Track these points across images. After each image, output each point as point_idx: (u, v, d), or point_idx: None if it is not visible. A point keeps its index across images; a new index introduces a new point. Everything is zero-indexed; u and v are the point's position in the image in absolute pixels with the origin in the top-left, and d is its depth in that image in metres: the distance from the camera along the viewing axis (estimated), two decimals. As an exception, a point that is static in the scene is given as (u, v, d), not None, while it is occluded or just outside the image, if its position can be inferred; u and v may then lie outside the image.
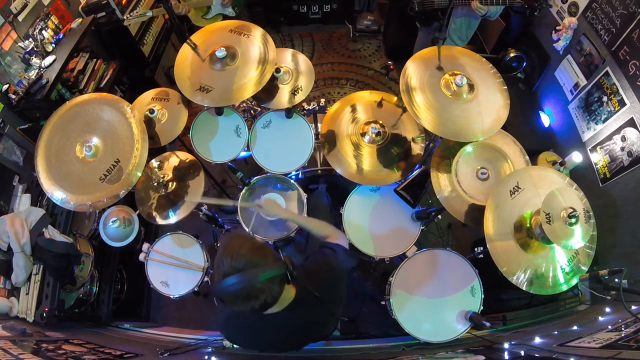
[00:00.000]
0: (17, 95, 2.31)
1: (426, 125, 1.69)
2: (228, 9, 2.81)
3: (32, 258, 1.95)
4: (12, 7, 2.36)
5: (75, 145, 1.77)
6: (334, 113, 2.02)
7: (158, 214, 1.95)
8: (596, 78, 2.35)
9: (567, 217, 1.47)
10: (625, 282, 1.42)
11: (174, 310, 2.72)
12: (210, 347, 1.93)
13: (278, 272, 1.05)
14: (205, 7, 2.76)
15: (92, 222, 2.36)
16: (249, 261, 1.02)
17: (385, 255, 1.92)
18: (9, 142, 2.28)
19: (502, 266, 1.52)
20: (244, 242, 1.08)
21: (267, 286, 1.02)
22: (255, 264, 1.02)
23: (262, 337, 1.26)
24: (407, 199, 1.90)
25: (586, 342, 1.37)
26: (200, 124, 2.15)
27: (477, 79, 1.79)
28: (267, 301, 1.04)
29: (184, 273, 2.02)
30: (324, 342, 2.15)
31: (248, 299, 1.01)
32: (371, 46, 4.20)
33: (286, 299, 1.17)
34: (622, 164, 2.10)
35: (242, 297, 1.01)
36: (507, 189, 1.61)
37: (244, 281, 0.99)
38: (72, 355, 1.62)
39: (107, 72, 3.00)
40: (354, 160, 1.90)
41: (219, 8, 2.77)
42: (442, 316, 1.73)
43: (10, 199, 2.24)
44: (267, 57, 1.93)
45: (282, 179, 2.11)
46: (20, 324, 1.88)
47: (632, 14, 2.04)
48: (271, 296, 1.05)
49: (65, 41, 2.63)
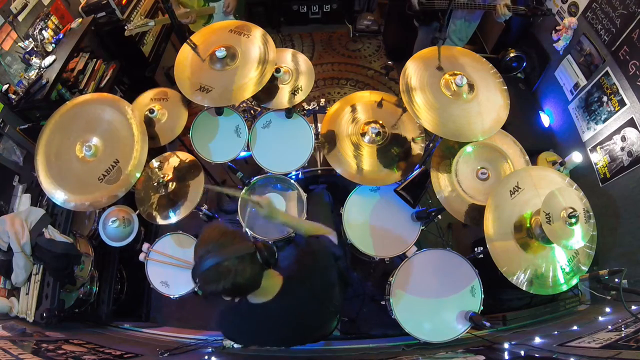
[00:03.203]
0: (17, 95, 2.31)
1: (426, 125, 1.69)
2: (230, 17, 2.80)
3: (32, 258, 1.95)
4: (12, 7, 2.36)
5: (75, 145, 1.77)
6: (334, 113, 2.02)
7: (158, 214, 1.95)
8: (596, 78, 2.35)
9: (567, 217, 1.47)
10: (625, 282, 1.42)
11: (174, 310, 2.71)
12: (210, 347, 1.93)
13: (246, 252, 1.10)
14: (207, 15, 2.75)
15: (92, 222, 2.35)
16: (217, 243, 1.10)
17: (385, 255, 1.92)
18: (9, 142, 2.28)
19: (502, 266, 1.52)
20: (215, 228, 1.16)
21: (235, 265, 1.07)
22: (223, 244, 1.10)
23: (255, 330, 1.28)
24: (407, 199, 1.90)
25: (586, 342, 1.37)
26: (200, 124, 2.15)
27: (477, 79, 1.80)
28: (237, 281, 1.07)
29: (184, 273, 2.02)
30: (323, 342, 2.15)
31: (217, 278, 1.06)
32: (371, 46, 4.20)
33: (272, 289, 1.21)
34: (622, 164, 2.10)
35: (212, 276, 1.07)
36: (507, 189, 1.61)
37: (213, 260, 1.06)
38: (72, 355, 1.62)
39: (107, 72, 3.00)
40: (354, 160, 1.90)
41: (221, 16, 2.77)
42: (442, 316, 1.73)
43: (10, 199, 2.24)
44: (267, 57, 1.93)
45: (282, 179, 2.11)
46: (20, 324, 1.88)
47: (632, 14, 2.04)
48: (242, 276, 1.08)
49: (65, 41, 2.63)
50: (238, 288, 1.10)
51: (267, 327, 1.27)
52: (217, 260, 1.06)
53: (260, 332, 1.30)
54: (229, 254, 1.08)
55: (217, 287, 1.07)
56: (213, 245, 1.10)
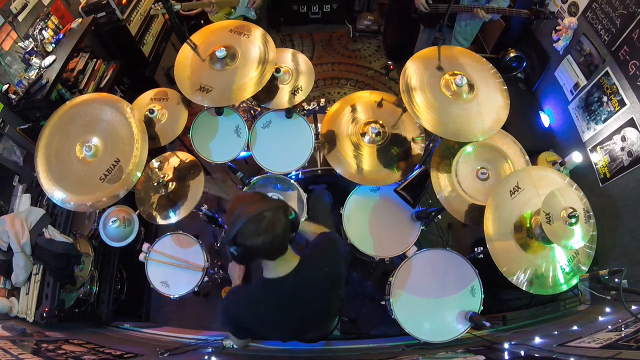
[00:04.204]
0: (17, 95, 2.31)
1: (426, 125, 1.69)
2: (252, 12, 2.80)
3: (32, 258, 1.95)
4: (12, 7, 2.35)
5: (75, 145, 1.77)
6: (334, 113, 2.02)
7: (158, 214, 1.95)
8: (596, 78, 2.35)
9: (567, 217, 1.47)
10: (625, 282, 1.42)
11: (174, 310, 2.72)
12: (210, 347, 1.93)
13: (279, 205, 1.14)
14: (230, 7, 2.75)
15: (92, 222, 2.35)
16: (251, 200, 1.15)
17: (385, 255, 1.92)
18: (9, 142, 2.27)
19: (502, 266, 1.52)
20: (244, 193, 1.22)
21: (274, 215, 1.10)
22: (260, 199, 1.15)
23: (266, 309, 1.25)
24: (407, 199, 1.90)
25: (586, 342, 1.37)
26: (200, 124, 2.15)
27: (477, 79, 1.80)
28: (277, 233, 1.10)
29: (184, 273, 2.02)
30: (323, 342, 2.15)
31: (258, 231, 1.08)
32: (371, 46, 4.20)
33: (290, 264, 1.22)
34: (622, 164, 2.10)
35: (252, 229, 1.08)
36: (507, 189, 1.61)
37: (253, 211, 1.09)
38: (72, 355, 1.62)
39: (107, 72, 3.00)
40: (354, 160, 1.90)
41: (244, 9, 2.76)
42: (442, 316, 1.73)
43: (10, 199, 2.24)
44: (267, 57, 1.93)
45: (282, 178, 2.11)
46: (20, 324, 1.88)
47: (632, 14, 2.04)
48: (280, 227, 1.11)
49: (65, 41, 2.63)
50: (277, 244, 1.13)
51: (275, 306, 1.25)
52: (257, 211, 1.08)
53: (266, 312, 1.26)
54: (267, 205, 1.11)
55: (257, 241, 1.08)
56: (249, 202, 1.13)
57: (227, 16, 2.81)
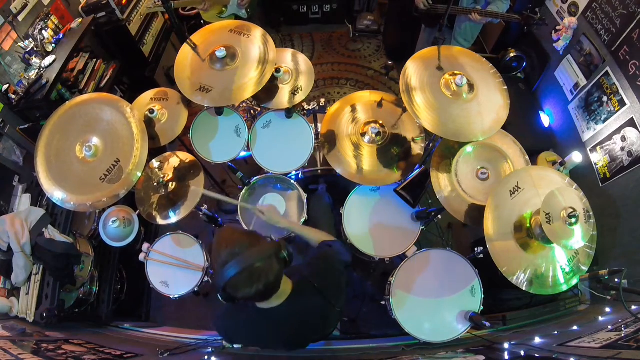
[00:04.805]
0: (17, 95, 2.31)
1: (426, 125, 1.69)
2: (243, 10, 2.81)
3: (32, 258, 1.95)
4: (12, 7, 2.35)
5: (75, 145, 1.77)
6: (334, 113, 2.02)
7: (158, 214, 1.95)
8: (596, 78, 2.35)
9: (567, 217, 1.47)
10: (625, 282, 1.42)
11: (174, 310, 2.72)
12: (210, 347, 1.93)
13: (273, 251, 1.07)
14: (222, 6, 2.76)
15: (92, 222, 2.35)
16: (244, 244, 1.04)
17: (385, 255, 1.92)
18: (9, 142, 2.28)
19: (502, 266, 1.52)
20: (234, 230, 1.11)
21: (267, 264, 1.03)
22: (251, 244, 1.04)
23: (261, 333, 1.24)
24: (407, 199, 1.90)
25: (586, 342, 1.37)
26: (200, 124, 2.15)
27: (477, 79, 1.79)
28: (270, 281, 1.04)
29: (184, 273, 2.02)
30: (324, 342, 2.15)
31: (251, 281, 1.01)
32: (371, 46, 4.20)
33: (284, 293, 1.17)
34: (622, 164, 2.10)
35: (244, 281, 1.01)
36: (507, 189, 1.61)
37: (244, 262, 1.00)
38: (72, 355, 1.62)
39: (107, 72, 3.00)
40: (354, 160, 1.90)
41: (235, 8, 2.77)
42: (442, 316, 1.73)
43: (10, 199, 2.24)
44: (267, 57, 1.93)
45: (282, 179, 2.11)
46: (20, 324, 1.88)
47: (632, 14, 2.04)
48: (273, 274, 1.04)
49: (65, 41, 2.63)
50: (270, 289, 1.07)
51: (274, 330, 1.23)
52: (249, 262, 1.00)
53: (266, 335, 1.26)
54: (259, 254, 1.02)
55: (250, 291, 1.01)
56: (240, 246, 1.03)
57: (219, 15, 2.81)
